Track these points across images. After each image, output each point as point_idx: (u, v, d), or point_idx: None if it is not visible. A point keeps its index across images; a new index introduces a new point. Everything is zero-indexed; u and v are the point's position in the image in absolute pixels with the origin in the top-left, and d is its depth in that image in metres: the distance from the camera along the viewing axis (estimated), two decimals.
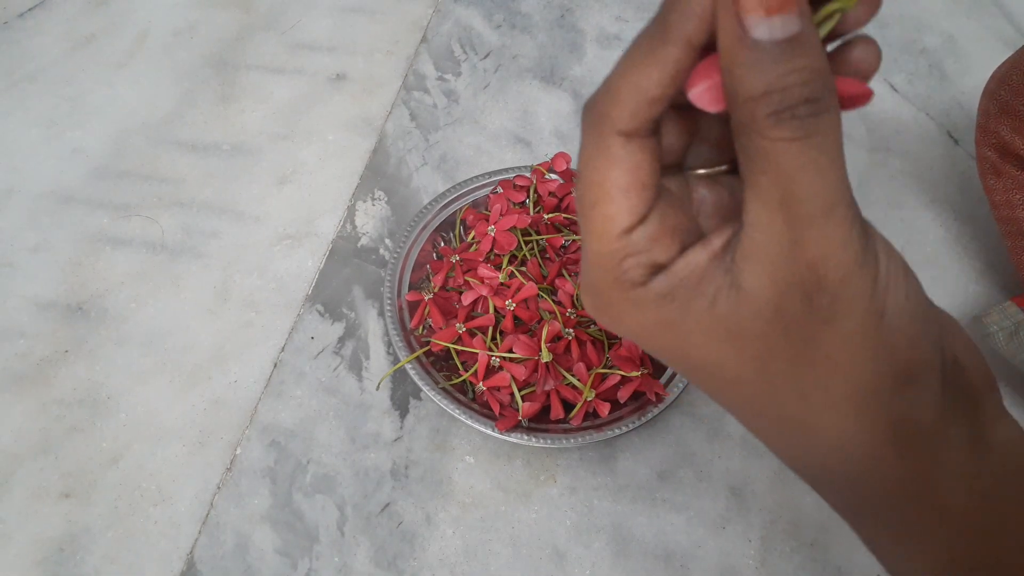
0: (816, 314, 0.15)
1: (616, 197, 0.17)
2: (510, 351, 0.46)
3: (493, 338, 0.48)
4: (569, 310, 0.50)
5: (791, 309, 0.15)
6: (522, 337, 0.47)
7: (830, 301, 0.15)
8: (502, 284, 0.50)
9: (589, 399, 0.46)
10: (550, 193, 0.56)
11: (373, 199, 0.61)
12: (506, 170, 0.58)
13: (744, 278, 0.16)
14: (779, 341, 0.16)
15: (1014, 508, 0.18)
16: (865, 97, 0.17)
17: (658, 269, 0.17)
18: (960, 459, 0.17)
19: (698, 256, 0.17)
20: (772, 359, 0.16)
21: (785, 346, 0.16)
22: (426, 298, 0.50)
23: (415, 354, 0.48)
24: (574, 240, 0.54)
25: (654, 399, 0.46)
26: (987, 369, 0.18)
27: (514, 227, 0.52)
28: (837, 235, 0.15)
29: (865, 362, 0.16)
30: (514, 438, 0.45)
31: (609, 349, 0.49)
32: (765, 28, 0.14)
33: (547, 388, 0.46)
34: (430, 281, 0.52)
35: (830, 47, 0.17)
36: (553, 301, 0.50)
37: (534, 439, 0.45)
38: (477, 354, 0.47)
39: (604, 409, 0.46)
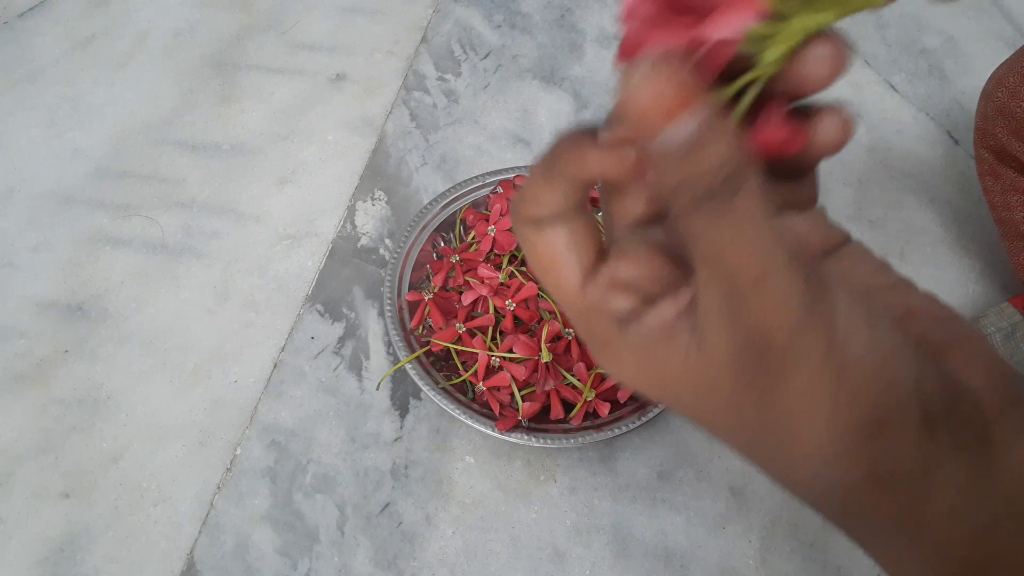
0: (769, 372, 0.16)
1: (552, 266, 0.18)
2: (510, 351, 0.46)
3: (493, 338, 0.48)
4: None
5: (748, 367, 0.16)
6: (522, 337, 0.47)
7: (780, 359, 0.16)
8: (502, 284, 0.50)
9: (589, 399, 0.46)
10: None
11: (373, 199, 0.61)
12: (506, 170, 0.58)
13: (705, 337, 0.17)
14: (745, 394, 0.17)
15: (1015, 537, 0.17)
16: (795, 144, 0.17)
17: (626, 320, 0.18)
18: (954, 499, 0.17)
19: (666, 311, 0.17)
20: (743, 410, 0.17)
21: (751, 399, 0.17)
22: (426, 298, 0.50)
23: (415, 354, 0.48)
24: None
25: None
26: (1008, 384, 0.18)
27: None
28: (774, 299, 0.15)
29: (827, 414, 0.16)
30: (514, 438, 0.45)
31: None
32: (666, 135, 0.15)
33: (547, 388, 0.46)
34: (430, 281, 0.52)
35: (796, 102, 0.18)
36: (553, 301, 0.50)
37: (534, 439, 0.45)
38: (477, 354, 0.47)
39: (604, 409, 0.46)
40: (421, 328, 0.50)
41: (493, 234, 0.52)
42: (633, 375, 0.18)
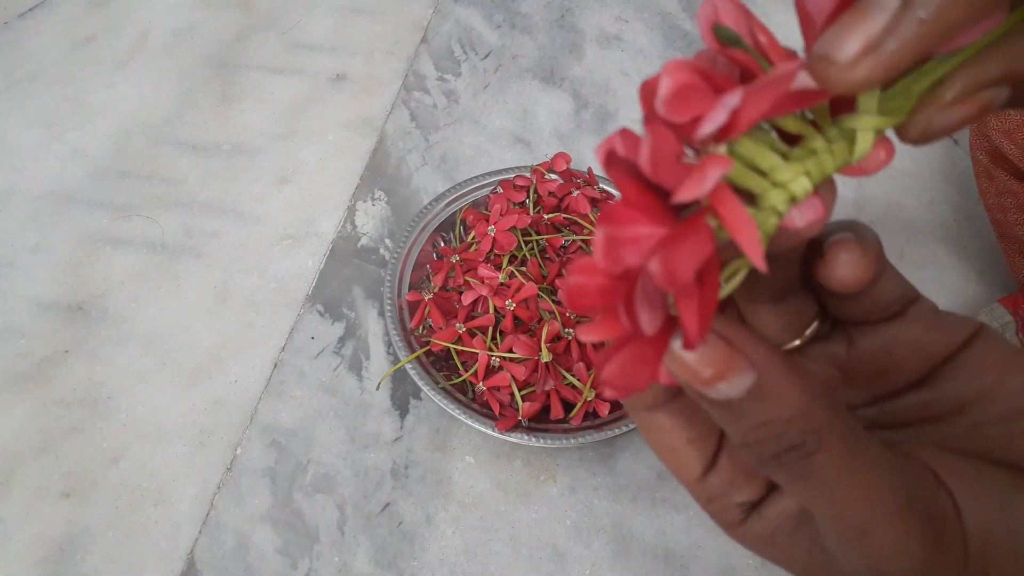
0: None
1: (672, 454, 0.17)
2: (510, 351, 0.46)
3: (493, 338, 0.48)
4: (569, 310, 0.50)
5: None
6: (522, 337, 0.47)
7: None
8: (502, 284, 0.50)
9: (589, 399, 0.46)
10: (550, 193, 0.56)
11: (373, 199, 0.61)
12: (506, 170, 0.58)
13: (831, 554, 0.15)
14: None
15: None
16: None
17: (748, 508, 0.17)
18: None
19: (789, 504, 0.16)
20: None
21: None
22: (426, 298, 0.50)
23: (415, 354, 0.48)
24: (574, 240, 0.54)
25: None
26: None
27: (514, 227, 0.52)
28: (890, 548, 0.14)
29: None
30: (514, 438, 0.45)
31: None
32: (714, 392, 0.13)
33: (547, 388, 0.46)
34: (430, 281, 0.52)
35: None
36: (553, 301, 0.50)
37: (534, 439, 0.45)
38: (477, 354, 0.47)
39: (604, 409, 0.46)
40: (421, 328, 0.50)
41: (493, 234, 0.52)
42: (761, 553, 0.17)
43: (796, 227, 0.14)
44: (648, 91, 0.13)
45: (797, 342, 0.18)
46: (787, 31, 0.76)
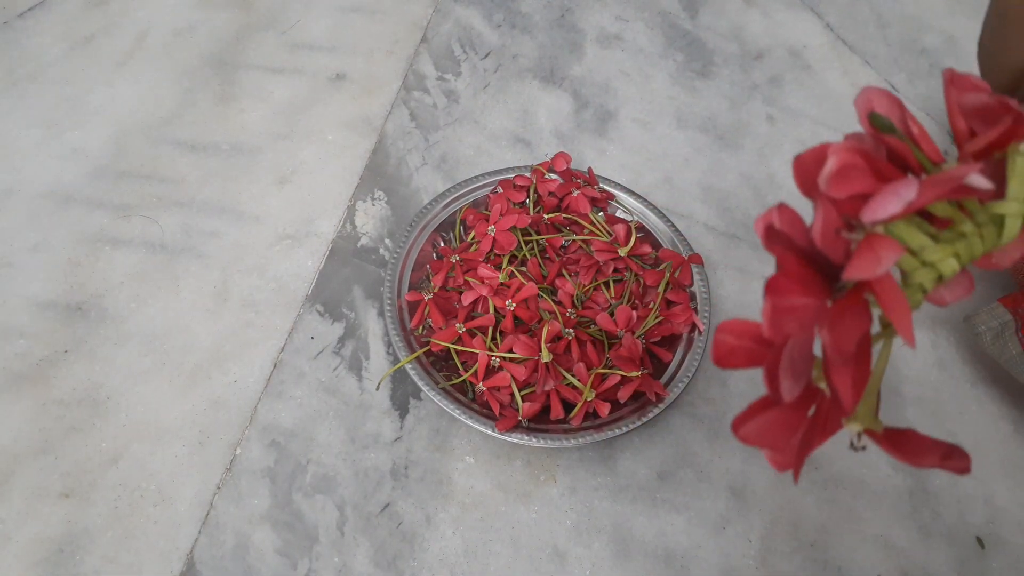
0: None
1: None
2: (510, 351, 0.46)
3: (493, 338, 0.48)
4: (569, 310, 0.50)
5: None
6: (522, 337, 0.47)
7: None
8: (502, 284, 0.50)
9: (589, 399, 0.46)
10: (550, 193, 0.56)
11: (373, 199, 0.61)
12: (506, 170, 0.58)
13: None
14: None
15: None
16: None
17: None
18: None
19: None
20: None
21: None
22: (426, 298, 0.50)
23: (415, 354, 0.48)
24: (574, 240, 0.54)
25: (654, 399, 0.46)
26: None
27: (514, 227, 0.52)
28: None
29: None
30: (514, 438, 0.45)
31: (609, 349, 0.49)
32: None
33: (547, 388, 0.46)
34: (430, 281, 0.52)
35: None
36: (553, 301, 0.50)
37: (534, 439, 0.45)
38: (477, 354, 0.47)
39: (604, 409, 0.46)
40: (421, 328, 0.50)
41: (493, 234, 0.52)
42: None
43: (943, 302, 0.16)
44: (803, 165, 0.15)
45: None
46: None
